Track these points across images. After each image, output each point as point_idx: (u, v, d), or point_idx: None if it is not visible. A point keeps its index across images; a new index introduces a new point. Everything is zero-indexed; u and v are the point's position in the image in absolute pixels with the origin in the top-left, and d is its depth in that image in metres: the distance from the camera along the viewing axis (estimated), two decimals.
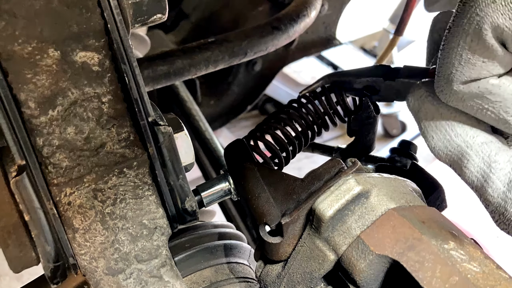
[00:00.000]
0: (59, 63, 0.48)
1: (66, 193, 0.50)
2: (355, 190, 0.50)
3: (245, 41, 1.11)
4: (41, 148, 0.49)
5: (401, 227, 0.48)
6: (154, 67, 1.02)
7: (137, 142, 0.53)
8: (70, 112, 0.49)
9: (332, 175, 0.53)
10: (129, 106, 0.51)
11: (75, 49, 0.48)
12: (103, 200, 0.52)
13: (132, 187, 0.53)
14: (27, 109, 0.48)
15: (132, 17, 0.49)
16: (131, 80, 0.49)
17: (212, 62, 1.07)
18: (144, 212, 0.54)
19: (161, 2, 0.49)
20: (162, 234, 0.55)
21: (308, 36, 1.68)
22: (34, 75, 0.47)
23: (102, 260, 0.53)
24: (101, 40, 0.48)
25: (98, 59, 0.49)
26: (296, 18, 1.21)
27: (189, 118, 1.58)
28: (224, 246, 0.72)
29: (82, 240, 0.52)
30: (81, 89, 0.49)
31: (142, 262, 0.54)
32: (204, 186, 0.62)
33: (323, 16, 1.61)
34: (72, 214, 0.51)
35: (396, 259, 0.46)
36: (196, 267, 0.68)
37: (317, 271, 0.52)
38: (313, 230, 0.51)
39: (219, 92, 1.85)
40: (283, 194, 0.55)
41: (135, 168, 0.53)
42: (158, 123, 0.52)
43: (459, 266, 0.45)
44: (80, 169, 0.51)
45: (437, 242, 0.47)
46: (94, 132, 0.51)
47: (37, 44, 0.46)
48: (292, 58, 1.74)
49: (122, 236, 0.53)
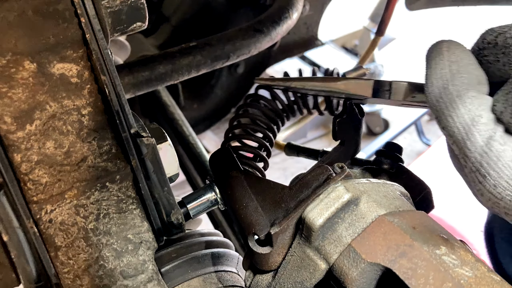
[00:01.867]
0: (35, 76, 0.46)
1: (47, 210, 0.49)
2: (344, 197, 0.49)
3: (227, 44, 1.10)
4: (19, 165, 0.47)
5: (392, 234, 0.47)
6: (135, 74, 1.00)
7: (119, 155, 0.51)
8: (49, 126, 0.48)
9: (321, 182, 0.52)
10: (110, 118, 0.50)
11: (52, 61, 0.46)
12: (85, 216, 0.50)
13: (115, 201, 0.52)
14: (3, 124, 0.46)
15: (111, 26, 0.48)
16: (111, 91, 0.48)
17: (194, 66, 1.05)
18: (128, 227, 0.53)
19: (140, 11, 0.48)
20: (148, 249, 0.54)
21: (290, 37, 1.68)
22: (9, 89, 0.45)
23: (86, 278, 0.51)
24: (79, 50, 0.47)
25: (76, 71, 0.47)
26: (278, 20, 1.20)
27: (172, 123, 1.56)
28: (212, 255, 0.71)
29: (65, 258, 0.50)
30: (59, 102, 0.48)
31: (128, 278, 0.53)
32: (190, 197, 0.60)
33: (304, 17, 1.61)
34: (54, 232, 0.49)
35: (388, 267, 0.46)
36: (183, 277, 0.67)
37: (308, 280, 0.51)
38: (303, 239, 0.51)
39: (202, 96, 1.83)
40: (271, 203, 0.54)
41: (118, 181, 0.51)
42: (141, 134, 0.50)
43: (452, 271, 0.44)
44: (61, 185, 0.49)
45: (428, 248, 0.46)
46: (74, 146, 0.49)
47: (12, 57, 0.44)
48: (275, 59, 1.73)
49: (106, 252, 0.52)
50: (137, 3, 0.49)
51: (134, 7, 0.48)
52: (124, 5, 0.47)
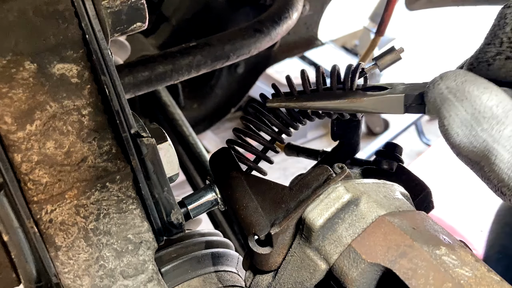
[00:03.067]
0: (36, 76, 0.46)
1: (47, 210, 0.49)
2: (344, 198, 0.49)
3: (227, 44, 1.10)
4: (20, 165, 0.47)
5: (392, 234, 0.47)
6: (135, 74, 1.00)
7: (120, 155, 0.51)
8: (49, 126, 0.48)
9: (321, 183, 0.52)
10: (110, 118, 0.50)
11: (53, 61, 0.46)
12: (86, 216, 0.50)
13: (115, 201, 0.51)
14: (4, 124, 0.46)
15: (111, 27, 0.48)
16: (111, 91, 0.48)
17: (194, 67, 1.05)
18: (128, 227, 0.53)
19: (140, 11, 0.48)
20: (148, 249, 0.54)
21: (290, 37, 1.68)
22: (9, 89, 0.45)
23: (86, 278, 0.51)
24: (80, 51, 0.47)
25: (76, 71, 0.47)
26: (278, 20, 1.20)
27: (172, 123, 1.56)
28: (212, 255, 0.71)
29: (65, 258, 0.50)
30: (60, 102, 0.48)
31: (128, 278, 0.53)
32: (190, 198, 0.60)
33: (304, 17, 1.61)
34: (54, 232, 0.49)
35: (388, 267, 0.46)
36: (183, 277, 0.67)
37: (308, 280, 0.51)
38: (303, 239, 0.51)
39: (202, 96, 1.83)
40: (271, 203, 0.54)
41: (118, 181, 0.51)
42: (141, 134, 0.50)
43: (452, 272, 0.44)
44: (61, 185, 0.49)
45: (428, 248, 0.46)
46: (74, 146, 0.49)
47: (12, 57, 0.44)
48: (275, 59, 1.73)
49: (106, 252, 0.52)
50: (137, 4, 0.49)
51: (134, 8, 0.48)
52: (124, 5, 0.47)
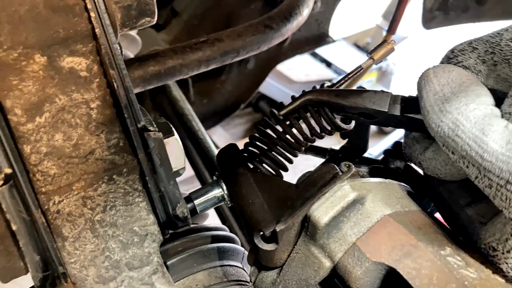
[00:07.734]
0: (45, 69, 0.46)
1: (55, 201, 0.49)
2: (350, 196, 0.49)
3: (237, 40, 1.09)
4: (29, 156, 0.48)
5: (397, 234, 0.47)
6: (145, 68, 1.00)
7: (127, 148, 0.51)
8: (58, 119, 0.48)
9: (327, 181, 0.52)
10: (118, 111, 0.50)
11: (62, 55, 0.47)
12: (92, 208, 0.51)
13: (122, 194, 0.52)
14: (14, 116, 0.46)
15: (120, 21, 0.48)
16: (119, 85, 0.48)
17: (204, 62, 1.05)
18: (134, 219, 0.53)
19: (150, 6, 0.48)
20: (153, 241, 0.54)
21: (301, 34, 1.67)
22: (20, 82, 0.46)
23: (92, 268, 0.52)
24: (89, 45, 0.47)
25: (85, 64, 0.48)
26: (288, 16, 1.19)
27: (181, 118, 1.57)
28: (217, 249, 0.72)
29: (71, 248, 0.51)
30: (69, 95, 0.48)
31: (134, 270, 0.53)
32: (197, 193, 0.61)
33: (316, 13, 1.60)
34: (61, 223, 0.50)
35: (392, 266, 0.45)
36: (189, 270, 0.67)
37: (312, 278, 0.51)
38: (308, 237, 0.51)
39: (212, 91, 1.83)
40: (277, 201, 0.54)
41: (125, 174, 0.52)
42: (148, 128, 0.51)
43: (456, 272, 0.44)
44: (69, 176, 0.50)
45: (433, 248, 0.46)
46: (82, 138, 0.49)
47: (23, 50, 0.45)
48: (285, 56, 1.73)
49: (112, 243, 0.52)
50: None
51: (143, 2, 0.48)
52: (133, 0, 0.47)
